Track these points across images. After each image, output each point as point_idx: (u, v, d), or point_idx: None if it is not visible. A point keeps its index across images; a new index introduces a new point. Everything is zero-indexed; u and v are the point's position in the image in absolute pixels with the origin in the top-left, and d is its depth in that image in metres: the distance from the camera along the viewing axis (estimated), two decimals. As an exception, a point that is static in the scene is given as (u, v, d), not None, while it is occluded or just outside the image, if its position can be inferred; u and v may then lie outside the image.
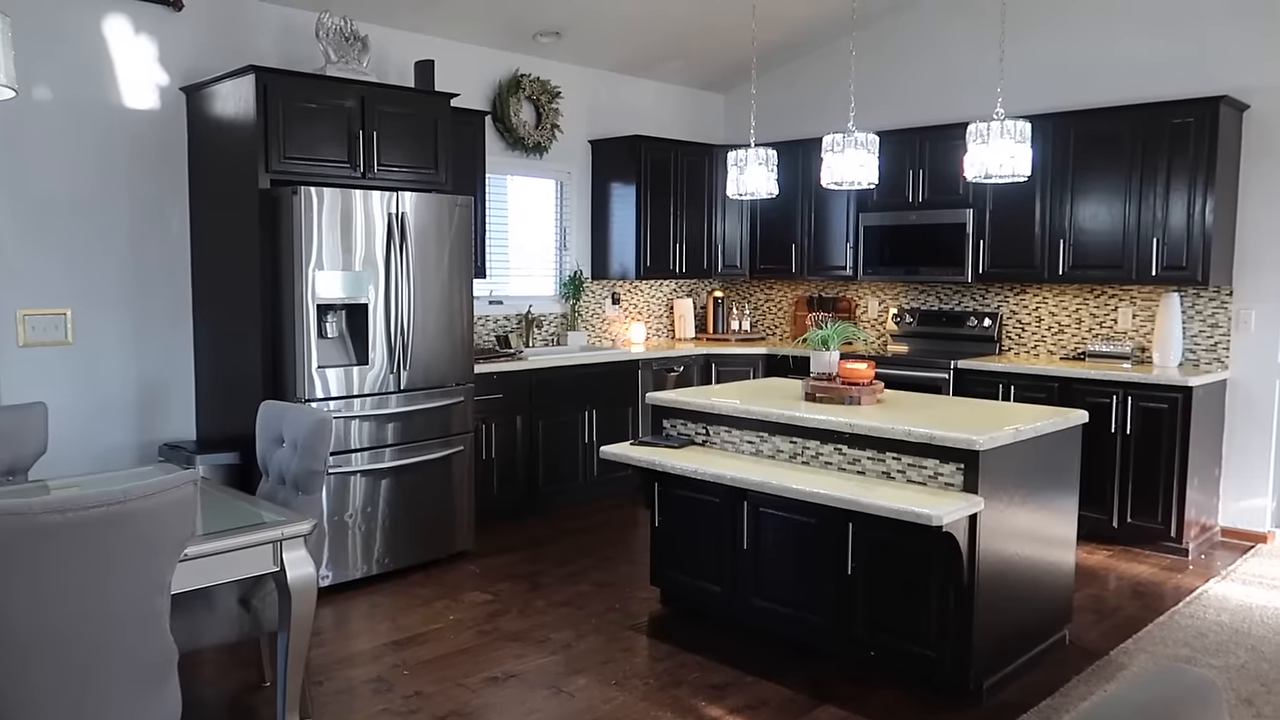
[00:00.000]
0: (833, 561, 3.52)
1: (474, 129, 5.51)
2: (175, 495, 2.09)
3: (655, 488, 4.09)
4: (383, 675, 3.48)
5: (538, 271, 6.51)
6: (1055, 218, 5.47)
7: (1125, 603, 4.29)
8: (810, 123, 6.66)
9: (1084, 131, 5.34)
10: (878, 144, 4.05)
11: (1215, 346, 5.29)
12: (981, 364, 5.54)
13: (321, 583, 4.25)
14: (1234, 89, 5.08)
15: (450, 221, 4.69)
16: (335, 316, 4.37)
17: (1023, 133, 3.70)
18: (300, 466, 3.07)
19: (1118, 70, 5.52)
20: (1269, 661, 3.63)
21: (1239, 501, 5.25)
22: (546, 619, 4.04)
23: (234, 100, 4.36)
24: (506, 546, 5.05)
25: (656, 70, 6.86)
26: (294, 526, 2.69)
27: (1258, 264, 5.15)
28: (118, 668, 2.12)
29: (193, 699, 3.28)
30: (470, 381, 4.87)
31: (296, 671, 2.81)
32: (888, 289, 6.64)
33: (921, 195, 6.01)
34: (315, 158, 4.39)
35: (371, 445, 4.46)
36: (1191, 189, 4.98)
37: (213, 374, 4.72)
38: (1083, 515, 3.90)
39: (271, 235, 4.27)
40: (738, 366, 6.58)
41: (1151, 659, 3.64)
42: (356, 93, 4.52)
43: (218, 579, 2.64)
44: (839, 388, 3.83)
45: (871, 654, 3.46)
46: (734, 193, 4.37)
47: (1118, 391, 5.04)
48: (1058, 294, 5.85)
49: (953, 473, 3.20)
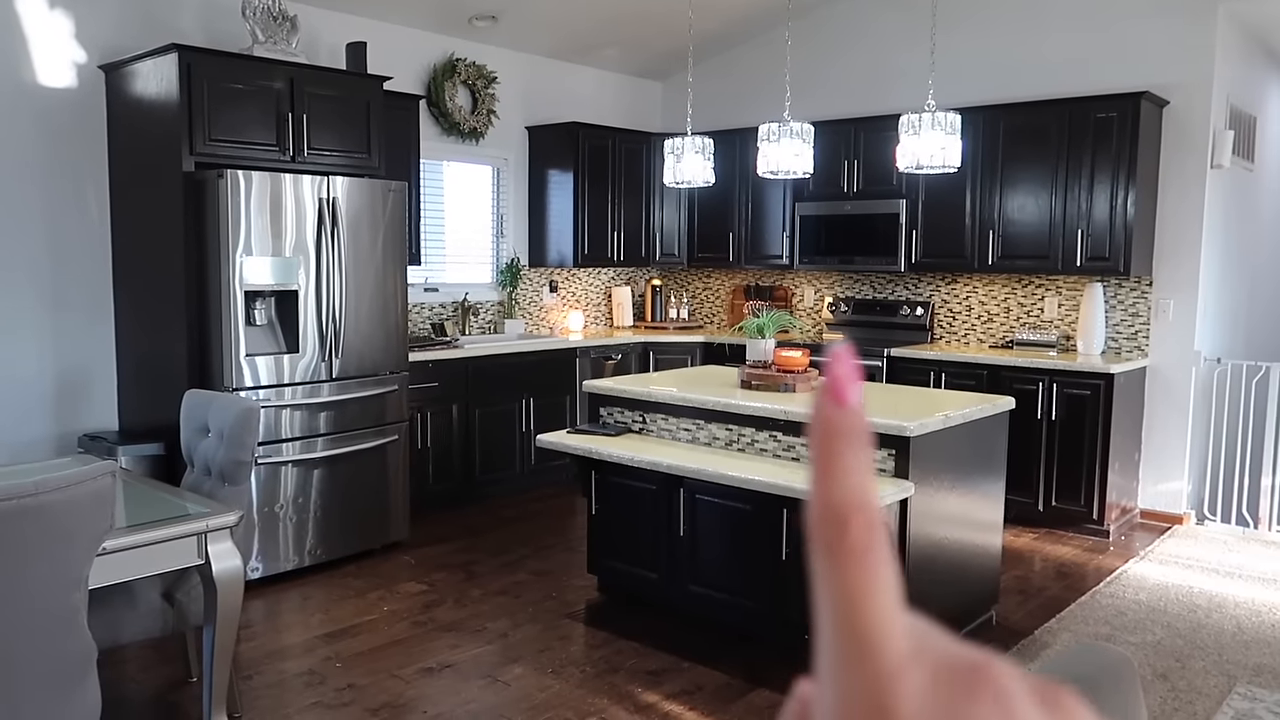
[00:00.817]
0: (768, 547, 3.55)
1: (408, 113, 5.42)
2: (91, 487, 2.02)
3: (592, 476, 4.08)
4: (314, 668, 3.42)
5: (474, 259, 6.44)
6: (985, 209, 5.59)
7: (1049, 583, 4.42)
8: (747, 112, 6.69)
9: (1012, 124, 5.46)
10: (813, 134, 4.09)
11: (1136, 335, 5.46)
12: (914, 352, 5.64)
13: (251, 575, 4.17)
14: (1155, 85, 5.23)
15: (384, 207, 4.61)
16: (264, 303, 4.27)
17: (953, 124, 3.77)
18: (226, 457, 2.99)
19: (1045, 65, 5.64)
20: (1183, 638, 3.77)
21: (1157, 485, 5.44)
22: (483, 608, 4.02)
23: (156, 80, 4.22)
24: (442, 536, 5.00)
25: (594, 57, 6.83)
26: (219, 518, 2.63)
27: (1175, 255, 5.33)
28: (33, 665, 2.05)
29: (115, 697, 3.19)
30: (405, 370, 4.80)
31: (223, 666, 2.74)
32: (823, 278, 6.72)
33: (856, 185, 6.09)
34: (242, 140, 4.27)
35: (303, 435, 4.37)
36: (1114, 182, 5.13)
37: (136, 362, 4.58)
38: (1010, 499, 4.01)
39: (197, 219, 4.15)
40: (675, 355, 6.60)
41: (1074, 637, 3.76)
42: (285, 74, 4.41)
43: (139, 573, 2.57)
44: (774, 375, 3.87)
45: (806, 638, 3.51)
46: (671, 181, 4.38)
47: (1044, 379, 5.17)
48: (987, 283, 5.98)
49: (884, 458, 3.26)
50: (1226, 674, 3.44)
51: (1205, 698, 3.25)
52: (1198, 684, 3.36)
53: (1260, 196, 6.41)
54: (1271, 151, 6.55)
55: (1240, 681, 3.38)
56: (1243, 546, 5.00)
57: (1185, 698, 3.25)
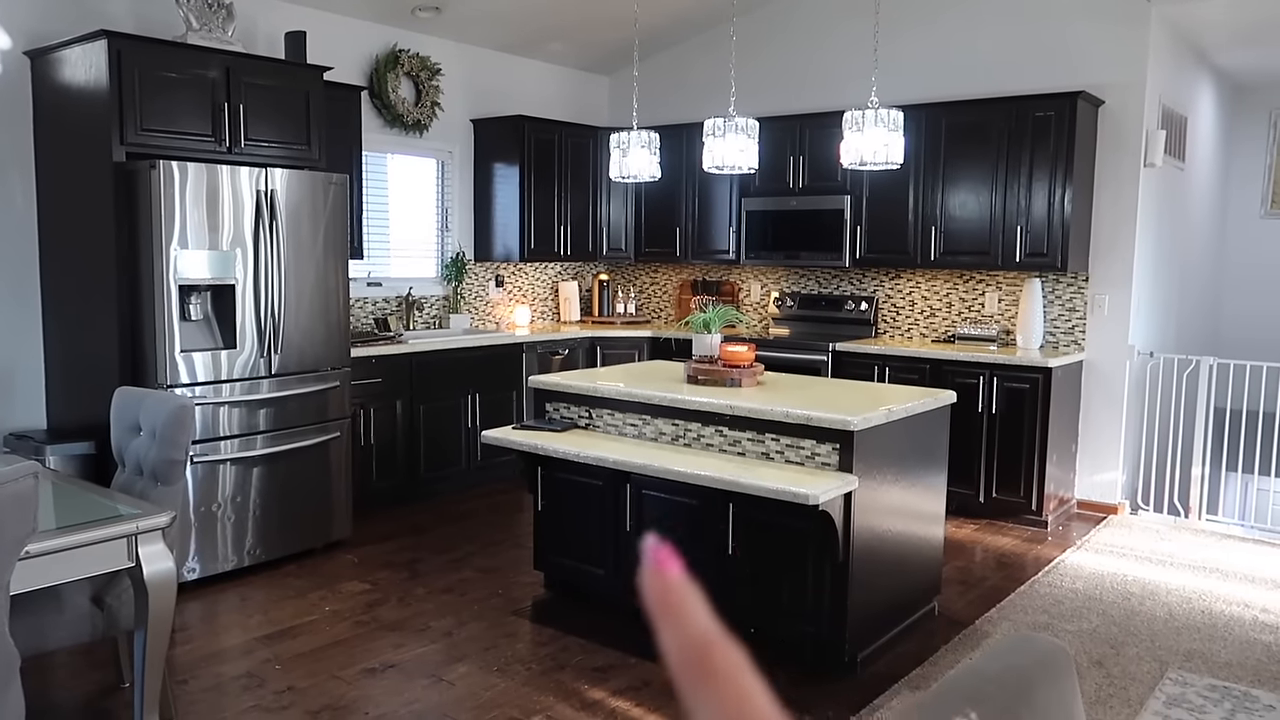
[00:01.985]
0: (714, 542, 3.56)
1: (350, 105, 5.32)
2: (10, 490, 1.95)
3: (538, 472, 4.05)
4: (253, 670, 3.34)
5: (418, 253, 6.35)
6: (927, 205, 5.66)
7: (990, 574, 4.50)
8: (693, 107, 6.70)
9: (954, 122, 5.54)
10: (758, 129, 4.10)
11: (1073, 329, 5.58)
12: (858, 346, 5.70)
13: (187, 576, 4.07)
14: (1091, 85, 5.34)
15: (324, 200, 4.52)
16: (200, 298, 4.16)
17: (896, 121, 3.80)
18: (159, 456, 2.90)
19: (986, 64, 5.73)
20: (1118, 625, 3.86)
21: (1093, 475, 5.57)
22: (427, 607, 3.96)
23: (84, 67, 4.08)
24: (386, 534, 4.93)
25: (540, 50, 6.77)
26: (150, 519, 2.55)
27: (1110, 251, 5.45)
28: (-50, 676, 1.97)
29: (43, 705, 3.09)
30: (347, 365, 4.71)
31: (155, 671, 2.66)
32: (769, 273, 6.75)
33: (802, 181, 6.12)
34: (176, 130, 4.15)
35: (241, 432, 4.27)
36: (1052, 179, 5.23)
37: (64, 358, 4.43)
38: (951, 491, 4.07)
39: (128, 211, 4.02)
40: (623, 349, 6.58)
41: (1013, 626, 3.83)
42: (221, 63, 4.29)
43: (67, 576, 2.48)
44: (720, 370, 3.87)
45: (752, 631, 3.52)
46: (617, 175, 4.36)
47: (984, 372, 5.26)
48: (930, 279, 6.06)
49: (829, 453, 3.28)
50: (1159, 660, 3.53)
51: (1139, 683, 3.33)
52: (1131, 670, 3.44)
53: (1190, 194, 6.59)
54: (1201, 150, 6.74)
55: (1172, 667, 3.47)
56: (1174, 535, 5.15)
57: (1120, 684, 3.33)
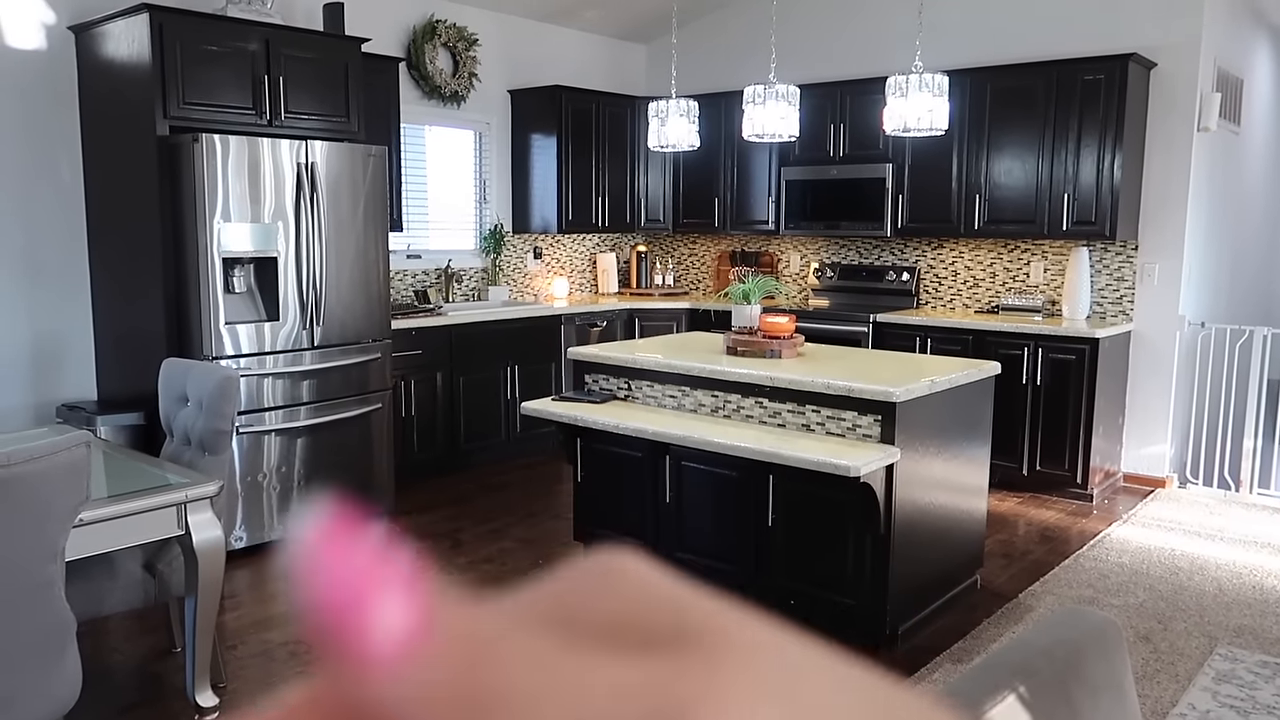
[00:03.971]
0: (754, 513, 3.55)
1: (388, 77, 5.32)
2: (64, 459, 1.98)
3: (578, 443, 4.06)
4: (299, 639, 3.41)
5: (457, 225, 6.36)
6: (971, 173, 5.55)
7: (1033, 547, 4.45)
8: (732, 75, 6.61)
9: (999, 87, 5.41)
10: (798, 96, 4.04)
11: (1121, 300, 5.46)
12: (900, 318, 5.63)
13: (235, 545, 4.15)
14: (1142, 47, 5.18)
15: (364, 172, 4.53)
16: (243, 270, 4.20)
17: (940, 86, 3.72)
18: (206, 426, 2.95)
19: (1033, 27, 5.58)
20: (1165, 600, 3.80)
21: (1140, 449, 5.47)
22: (468, 576, 4.00)
23: (127, 41, 4.12)
24: (427, 505, 4.98)
25: (576, 19, 6.71)
26: (199, 488, 2.59)
27: (1161, 220, 5.31)
28: (10, 639, 2.02)
29: (98, 669, 3.17)
30: (388, 338, 4.75)
31: (206, 637, 2.72)
32: (809, 243, 6.68)
33: (842, 150, 6.03)
34: (217, 103, 4.18)
35: (285, 404, 4.32)
36: (1101, 145, 5.10)
37: (113, 331, 4.51)
38: (994, 464, 4.01)
39: (172, 185, 4.07)
40: (661, 321, 6.56)
41: (1057, 600, 3.79)
42: (261, 35, 4.31)
43: (119, 544, 2.54)
44: (760, 341, 3.84)
45: (791, 603, 3.52)
46: (655, 144, 4.32)
47: (1029, 344, 5.17)
48: (973, 248, 5.96)
49: (870, 424, 3.24)
50: (1208, 635, 3.47)
51: (1187, 659, 3.28)
52: (1179, 645, 3.39)
53: (1245, 160, 6.40)
54: (1258, 114, 6.52)
55: (1221, 643, 3.41)
56: (1224, 509, 5.04)
57: (1167, 659, 3.28)
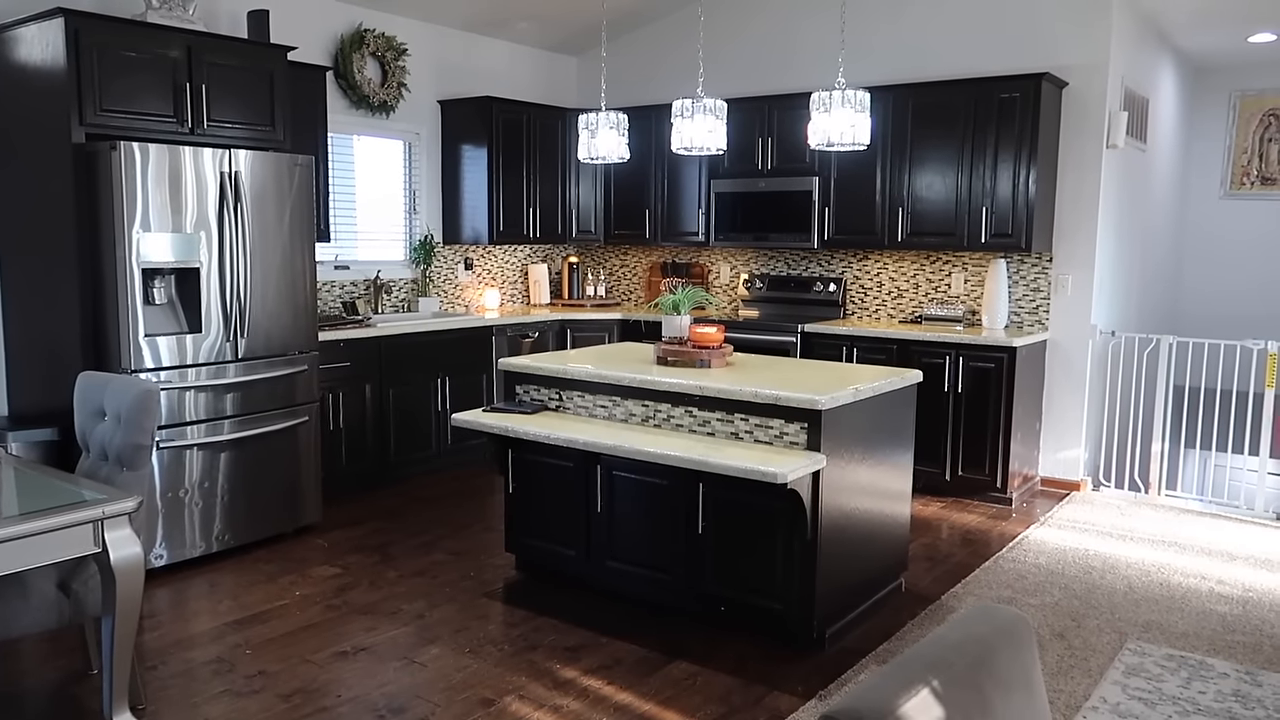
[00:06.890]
0: (684, 521, 3.59)
1: (315, 85, 5.25)
2: (-25, 474, 1.92)
3: (509, 454, 4.06)
4: (223, 656, 3.33)
5: (386, 235, 6.30)
6: (894, 187, 5.70)
7: (956, 550, 4.57)
8: (661, 88, 6.69)
9: (920, 103, 5.57)
10: (726, 110, 4.11)
11: (1037, 309, 5.66)
12: (827, 328, 5.74)
13: (155, 563, 4.04)
14: (1055, 67, 5.40)
15: (290, 181, 4.47)
16: (164, 281, 4.11)
17: (862, 102, 3.82)
18: (124, 441, 2.88)
19: (952, 46, 5.77)
20: (1079, 598, 3.94)
21: (1056, 453, 5.66)
22: (398, 590, 3.96)
23: (40, 46, 4.00)
24: (356, 519, 4.92)
25: (507, 30, 6.72)
26: (116, 504, 2.53)
27: (1073, 232, 5.53)
28: (-87, 663, 1.95)
29: (10, 691, 3.07)
30: (315, 349, 4.68)
31: (124, 657, 2.65)
32: (739, 255, 6.77)
33: (770, 163, 6.14)
34: (137, 111, 4.08)
35: (208, 417, 4.23)
36: (1016, 161, 5.28)
37: (25, 343, 4.36)
38: (918, 469, 4.12)
39: (89, 193, 3.96)
40: (592, 332, 6.58)
41: (978, 601, 3.90)
42: (183, 42, 4.22)
43: (32, 563, 2.45)
44: (690, 351, 3.89)
45: (722, 609, 3.56)
46: (585, 156, 4.35)
47: (950, 352, 5.32)
48: (897, 260, 6.11)
49: (797, 432, 3.31)
50: (1119, 631, 3.62)
51: (1099, 654, 3.41)
52: (1092, 641, 3.52)
53: (1151, 176, 6.69)
54: (1162, 132, 6.83)
55: (1130, 638, 3.55)
56: (1134, 511, 5.25)
57: (1080, 655, 3.40)
